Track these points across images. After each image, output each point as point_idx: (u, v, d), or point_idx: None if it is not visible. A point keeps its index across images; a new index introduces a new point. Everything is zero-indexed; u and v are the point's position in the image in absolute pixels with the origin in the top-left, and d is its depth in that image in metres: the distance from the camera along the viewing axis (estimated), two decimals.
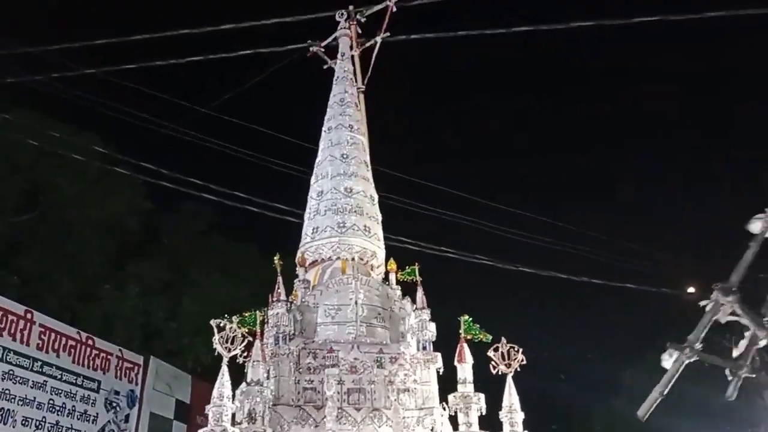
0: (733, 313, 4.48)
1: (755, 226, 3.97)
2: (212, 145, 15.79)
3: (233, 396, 6.70)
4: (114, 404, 16.73)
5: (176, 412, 18.86)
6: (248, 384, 6.80)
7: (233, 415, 7.25)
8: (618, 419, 21.82)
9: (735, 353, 4.34)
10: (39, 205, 17.08)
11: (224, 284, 20.20)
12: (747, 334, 4.45)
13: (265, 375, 6.99)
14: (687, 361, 4.75)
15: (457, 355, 7.36)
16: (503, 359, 7.02)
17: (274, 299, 7.56)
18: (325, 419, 6.84)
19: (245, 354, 6.98)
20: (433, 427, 7.16)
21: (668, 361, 4.76)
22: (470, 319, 7.48)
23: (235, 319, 7.01)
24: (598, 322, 22.82)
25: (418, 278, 7.95)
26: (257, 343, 7.05)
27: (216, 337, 6.73)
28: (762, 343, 3.86)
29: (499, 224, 16.08)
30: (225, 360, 6.70)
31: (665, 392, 4.90)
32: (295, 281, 8.28)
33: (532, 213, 17.76)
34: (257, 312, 7.45)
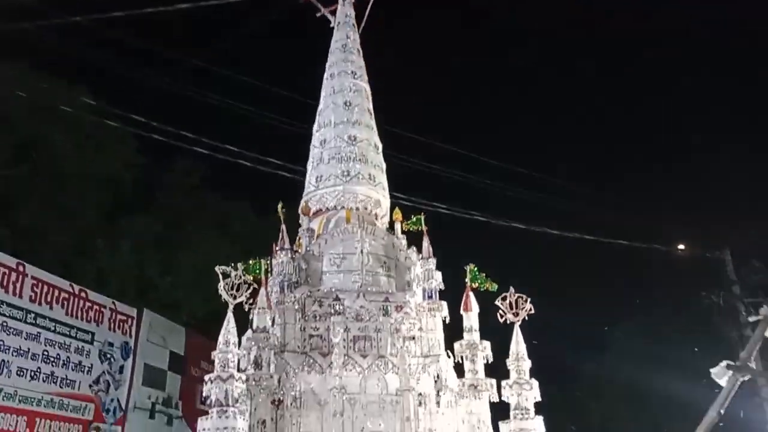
0: None
1: None
2: (206, 99, 15.52)
3: (239, 343, 6.58)
4: (108, 355, 16.75)
5: (170, 363, 18.93)
6: (254, 331, 6.70)
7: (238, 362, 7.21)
8: (605, 376, 22.21)
9: None
10: (32, 159, 16.76)
11: (218, 240, 20.14)
12: None
13: (270, 322, 6.88)
14: (742, 380, 4.59)
15: (463, 303, 7.29)
16: (511, 308, 6.94)
17: (278, 248, 7.41)
18: (331, 366, 6.77)
19: (251, 301, 6.86)
20: (438, 374, 7.13)
21: (722, 378, 4.60)
22: (476, 268, 7.37)
23: (240, 266, 6.85)
24: (587, 279, 23.06)
25: (424, 228, 7.84)
26: (262, 290, 6.94)
27: (221, 284, 6.59)
28: None
29: (495, 181, 15.99)
30: (230, 307, 6.59)
31: (723, 412, 4.72)
32: (299, 230, 8.12)
33: (525, 168, 17.72)
34: (261, 260, 7.30)
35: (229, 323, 6.39)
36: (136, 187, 19.56)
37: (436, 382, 7.23)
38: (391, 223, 8.32)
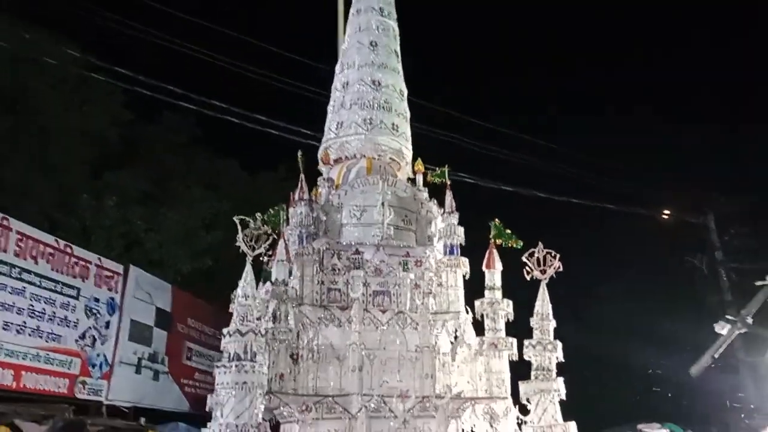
0: None
1: None
2: (195, 54, 14.99)
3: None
4: (94, 311, 16.47)
5: (157, 319, 18.71)
6: (273, 284, 6.36)
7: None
8: (583, 343, 22.39)
9: None
10: (16, 112, 16.18)
11: (206, 197, 19.83)
12: None
13: (288, 275, 6.55)
14: (738, 332, 4.93)
15: (486, 260, 7.02)
16: (538, 265, 6.67)
17: (297, 198, 7.03)
18: (350, 320, 6.50)
19: (270, 253, 6.50)
20: (456, 331, 6.90)
21: (723, 329, 4.93)
22: (501, 224, 7.08)
23: (258, 216, 6.47)
24: (570, 240, 23.03)
25: (448, 181, 7.49)
26: (281, 242, 6.58)
27: (240, 235, 6.20)
28: None
29: (479, 141, 15.71)
30: (249, 259, 6.21)
31: (716, 356, 5.08)
32: (318, 179, 7.72)
33: (508, 128, 17.55)
34: (280, 210, 6.92)
35: (248, 276, 6.05)
36: (123, 143, 19.24)
37: (455, 339, 7.01)
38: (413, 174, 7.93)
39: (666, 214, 21.27)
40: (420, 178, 7.69)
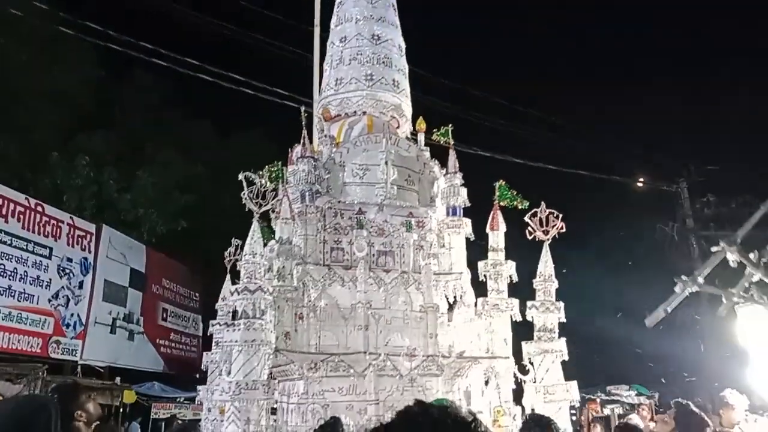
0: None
1: None
2: (170, 11, 14.51)
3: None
4: (67, 271, 16.25)
5: (131, 280, 18.56)
6: (278, 242, 6.24)
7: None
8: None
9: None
10: None
11: (178, 158, 19.50)
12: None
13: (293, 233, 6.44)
14: (690, 290, 5.38)
15: (489, 222, 6.98)
16: (541, 225, 6.64)
17: (300, 155, 6.87)
18: (354, 280, 6.44)
19: (277, 211, 6.37)
20: (458, 292, 6.90)
21: (679, 287, 5.36)
22: (506, 185, 7.02)
23: (264, 173, 6.31)
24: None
25: (451, 141, 7.37)
26: (285, 200, 6.44)
27: (246, 192, 6.03)
28: (755, 279, 4.71)
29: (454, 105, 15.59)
30: (256, 216, 6.07)
31: (669, 310, 5.46)
32: (319, 135, 7.55)
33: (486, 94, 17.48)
34: (282, 167, 6.76)
35: (255, 234, 5.93)
36: (95, 104, 18.83)
37: (455, 299, 7.00)
38: (413, 133, 7.79)
39: (640, 182, 21.59)
40: (421, 138, 7.55)
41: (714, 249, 5.75)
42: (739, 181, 20.15)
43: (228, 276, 8.05)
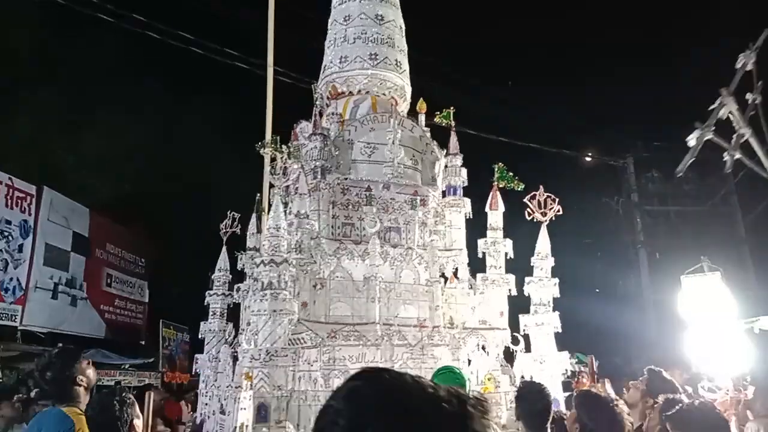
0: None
1: None
2: None
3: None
4: (5, 233, 16.09)
5: (74, 244, 18.44)
6: (296, 216, 6.75)
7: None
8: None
9: None
10: None
11: (127, 120, 19.24)
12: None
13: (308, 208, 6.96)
14: (705, 138, 6.82)
15: (489, 201, 7.68)
16: (539, 207, 7.42)
17: (312, 132, 7.33)
18: (365, 254, 7.04)
19: (297, 187, 6.85)
20: (458, 267, 7.61)
21: (693, 138, 6.80)
22: (504, 167, 7.72)
23: (285, 149, 6.75)
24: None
25: (452, 123, 7.98)
26: (302, 176, 6.92)
27: (267, 168, 6.47)
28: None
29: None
30: (278, 191, 6.53)
31: (692, 159, 7.58)
32: (324, 112, 7.99)
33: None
34: (290, 146, 7.20)
35: (279, 208, 6.40)
36: (39, 62, 18.19)
37: (454, 274, 7.71)
38: (412, 112, 8.33)
39: (589, 156, 22.83)
40: (422, 118, 8.13)
41: (712, 106, 7.16)
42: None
43: (224, 247, 8.45)
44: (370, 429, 1.03)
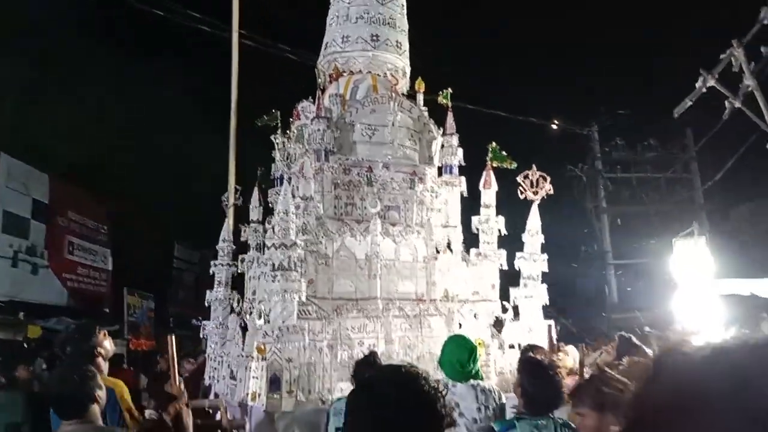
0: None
1: None
2: None
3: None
4: None
5: (33, 211, 18.40)
6: (302, 199, 7.17)
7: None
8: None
9: None
10: None
11: (90, 85, 19.04)
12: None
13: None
14: (708, 84, 7.64)
15: (483, 180, 8.22)
16: (531, 186, 8.00)
17: (316, 115, 7.70)
18: (367, 232, 7.54)
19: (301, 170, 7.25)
20: (452, 243, 8.17)
21: (700, 82, 7.64)
22: (498, 146, 8.25)
23: (291, 133, 7.12)
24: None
25: (449, 103, 8.43)
26: (306, 159, 7.32)
27: (277, 154, 6.86)
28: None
29: None
30: (286, 176, 6.93)
31: (691, 102, 8.21)
32: (326, 93, 8.33)
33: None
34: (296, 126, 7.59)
35: (287, 192, 6.80)
36: None
37: (448, 249, 8.27)
38: (411, 93, 8.73)
39: (555, 124, 23.57)
40: (420, 98, 8.55)
41: (723, 56, 7.87)
42: (645, 126, 22.64)
43: (227, 220, 8.83)
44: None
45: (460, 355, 4.87)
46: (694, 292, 8.94)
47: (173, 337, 4.60)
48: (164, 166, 20.47)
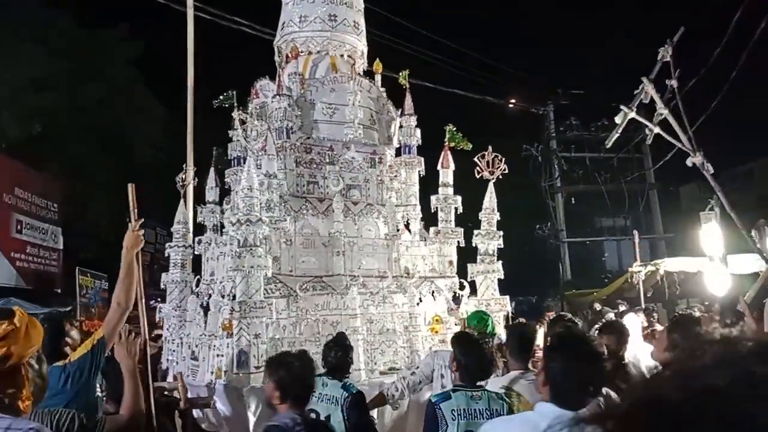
0: None
1: None
2: None
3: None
4: None
5: None
6: (266, 176, 7.42)
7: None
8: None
9: None
10: None
11: (36, 54, 18.71)
12: None
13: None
14: (629, 117, 8.04)
15: (441, 160, 8.59)
16: (488, 166, 8.41)
17: (277, 92, 7.91)
18: (329, 211, 7.84)
19: (265, 148, 7.48)
20: (411, 221, 8.55)
21: (619, 118, 7.97)
22: (454, 129, 8.62)
23: (253, 111, 7.34)
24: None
25: (407, 84, 8.75)
26: (269, 135, 7.56)
27: (240, 132, 7.07)
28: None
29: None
30: (250, 153, 7.18)
31: (618, 134, 8.82)
32: (285, 71, 8.53)
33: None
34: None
35: (251, 168, 7.04)
36: None
37: (406, 227, 8.65)
38: (368, 73, 9.02)
39: (511, 103, 24.11)
40: (378, 78, 8.85)
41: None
42: (599, 107, 23.37)
43: (182, 201, 8.97)
44: None
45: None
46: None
47: (133, 185, 4.57)
48: (114, 142, 20.28)
